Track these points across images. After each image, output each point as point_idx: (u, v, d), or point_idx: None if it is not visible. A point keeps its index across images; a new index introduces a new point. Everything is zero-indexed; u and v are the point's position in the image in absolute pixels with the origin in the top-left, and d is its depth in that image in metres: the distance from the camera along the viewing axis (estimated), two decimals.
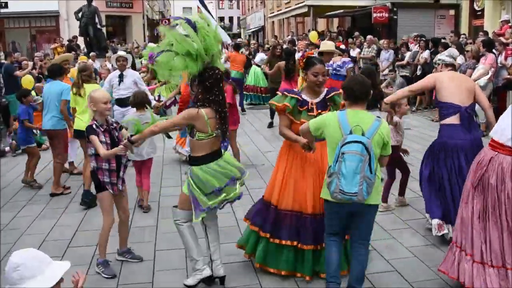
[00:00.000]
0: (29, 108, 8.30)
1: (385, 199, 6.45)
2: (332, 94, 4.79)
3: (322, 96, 4.77)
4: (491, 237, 4.03)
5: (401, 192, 6.63)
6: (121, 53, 10.09)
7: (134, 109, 6.75)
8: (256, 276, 4.85)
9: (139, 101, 6.65)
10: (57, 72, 7.83)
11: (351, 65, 10.56)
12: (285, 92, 4.81)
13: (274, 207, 4.78)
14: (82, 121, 7.15)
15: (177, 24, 4.46)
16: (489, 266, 4.03)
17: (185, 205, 4.50)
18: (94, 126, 4.79)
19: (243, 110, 14.79)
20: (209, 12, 13.30)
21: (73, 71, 10.24)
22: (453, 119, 5.29)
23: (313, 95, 4.76)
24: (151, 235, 5.93)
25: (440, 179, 5.40)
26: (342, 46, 15.34)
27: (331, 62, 10.02)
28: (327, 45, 8.77)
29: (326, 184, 3.99)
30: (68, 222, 6.45)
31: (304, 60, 4.77)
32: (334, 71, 10.24)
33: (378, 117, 4.14)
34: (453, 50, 6.06)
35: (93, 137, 4.72)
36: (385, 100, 5.96)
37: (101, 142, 4.73)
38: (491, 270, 4.02)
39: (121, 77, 8.97)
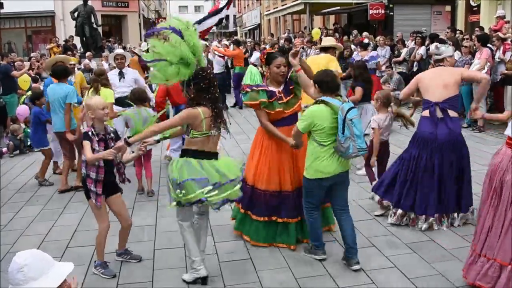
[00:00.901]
0: (43, 109, 8.27)
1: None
2: (289, 75, 5.34)
3: (283, 84, 5.32)
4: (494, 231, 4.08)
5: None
6: (119, 51, 10.10)
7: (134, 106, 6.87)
8: (256, 274, 4.85)
9: (137, 97, 6.95)
10: (61, 73, 7.73)
11: (378, 59, 11.21)
12: (253, 87, 5.30)
13: (250, 187, 5.34)
14: None
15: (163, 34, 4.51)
16: (483, 256, 4.13)
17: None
18: (90, 133, 4.70)
19: (240, 107, 14.83)
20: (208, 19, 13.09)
21: (82, 77, 10.39)
22: (425, 113, 5.73)
23: (277, 85, 5.31)
24: (150, 234, 5.93)
25: (402, 164, 5.85)
26: (340, 45, 15.37)
27: (358, 56, 10.34)
28: (328, 40, 8.88)
29: (316, 165, 4.66)
30: (66, 222, 6.44)
31: (265, 56, 5.38)
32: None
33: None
34: (436, 46, 6.20)
35: (85, 142, 4.64)
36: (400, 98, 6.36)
37: (93, 150, 4.65)
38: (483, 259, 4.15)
39: (121, 75, 8.99)
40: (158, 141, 4.90)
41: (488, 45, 11.21)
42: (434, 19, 19.42)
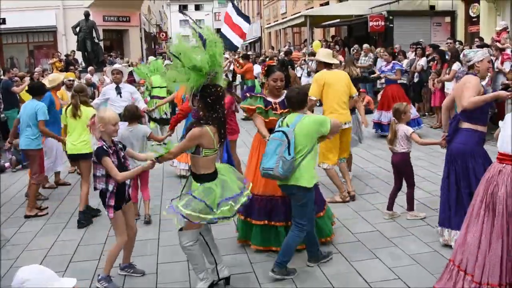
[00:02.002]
0: None
1: (390, 206, 6.46)
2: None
3: (282, 97, 5.52)
4: (494, 255, 3.95)
5: (411, 207, 6.46)
6: (115, 66, 10.10)
7: (126, 123, 6.63)
8: (260, 287, 4.84)
9: (131, 115, 6.64)
10: (37, 90, 7.54)
11: (398, 66, 11.69)
12: (252, 94, 5.71)
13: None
14: (73, 145, 7.11)
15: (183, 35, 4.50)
16: (485, 284, 3.96)
17: (192, 224, 4.47)
18: (104, 147, 4.68)
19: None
20: (241, 14, 13.00)
21: (63, 92, 10.11)
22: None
23: (275, 97, 5.59)
24: (153, 248, 5.92)
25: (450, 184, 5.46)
26: (341, 57, 15.50)
27: (382, 67, 10.69)
28: (326, 56, 8.36)
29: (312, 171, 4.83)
30: (69, 237, 6.44)
31: (265, 69, 5.65)
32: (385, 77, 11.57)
33: (302, 115, 4.90)
34: (464, 53, 5.97)
35: (106, 159, 4.60)
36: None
37: None
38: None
39: (118, 89, 9.02)
40: (157, 159, 4.96)
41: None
42: (434, 30, 19.46)
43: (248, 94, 5.73)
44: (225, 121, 4.54)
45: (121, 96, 8.95)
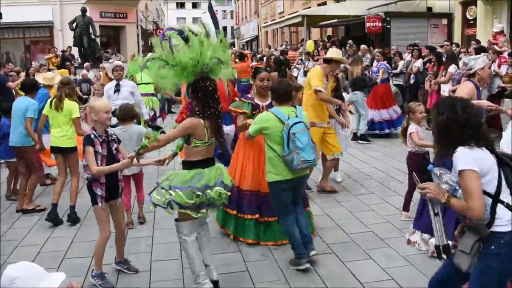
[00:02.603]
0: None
1: (406, 207, 6.42)
2: None
3: (270, 99, 5.63)
4: None
5: (406, 208, 6.42)
6: (117, 62, 10.00)
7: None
8: (253, 287, 4.85)
9: (125, 114, 6.45)
10: (29, 87, 7.50)
11: (382, 66, 12.13)
12: (242, 98, 5.94)
13: (236, 188, 5.60)
14: (56, 138, 6.94)
15: (169, 36, 4.48)
16: None
17: (186, 215, 4.48)
18: (92, 136, 4.67)
19: None
20: (215, 19, 13.07)
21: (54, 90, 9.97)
22: None
23: (262, 98, 5.80)
24: (147, 246, 5.91)
25: None
26: (310, 64, 15.64)
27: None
28: (333, 52, 8.22)
29: (279, 167, 4.93)
30: (63, 233, 6.42)
31: (252, 70, 6.02)
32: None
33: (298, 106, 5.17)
34: (463, 61, 5.97)
35: (88, 149, 4.58)
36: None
37: (96, 152, 4.64)
38: None
39: (117, 87, 8.93)
40: (174, 155, 4.99)
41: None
42: (431, 32, 19.51)
43: (237, 99, 6.02)
44: (219, 115, 4.52)
45: (119, 94, 8.89)
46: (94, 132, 4.72)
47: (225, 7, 73.94)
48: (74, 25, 22.36)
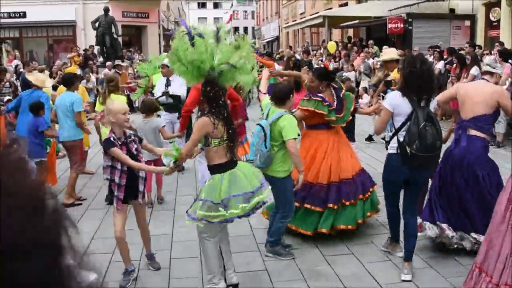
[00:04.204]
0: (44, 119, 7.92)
1: (420, 210, 6.36)
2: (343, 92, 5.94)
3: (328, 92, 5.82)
4: None
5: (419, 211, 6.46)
6: (166, 61, 10.13)
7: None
8: (272, 286, 4.87)
9: (147, 108, 7.16)
10: (68, 81, 7.77)
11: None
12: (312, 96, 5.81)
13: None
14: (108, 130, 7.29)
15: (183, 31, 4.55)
16: (503, 285, 3.92)
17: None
18: (112, 139, 4.72)
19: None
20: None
21: (81, 88, 10.05)
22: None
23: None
24: (166, 243, 5.97)
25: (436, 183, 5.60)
26: (332, 66, 15.56)
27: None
28: (389, 53, 8.35)
29: (289, 163, 5.20)
30: (85, 229, 6.49)
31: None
32: None
33: (286, 112, 5.17)
34: (495, 59, 5.92)
35: (115, 149, 4.63)
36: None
37: None
38: None
39: (168, 82, 9.09)
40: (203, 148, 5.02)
41: (510, 60, 11.15)
42: (453, 33, 19.36)
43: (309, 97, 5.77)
44: (228, 118, 4.53)
45: (168, 88, 9.03)
46: (113, 135, 4.76)
47: (246, 7, 74.14)
48: (96, 24, 22.58)
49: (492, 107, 5.22)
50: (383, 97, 8.44)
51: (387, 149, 5.13)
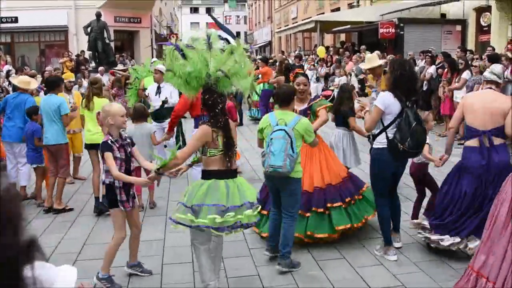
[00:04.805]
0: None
1: (415, 216, 6.35)
2: (311, 103, 6.22)
3: (306, 105, 6.18)
4: None
5: (415, 216, 6.39)
6: (159, 66, 10.10)
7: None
8: None
9: (139, 114, 7.14)
10: (52, 84, 7.62)
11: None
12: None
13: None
14: (92, 135, 7.33)
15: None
16: None
17: None
18: (109, 142, 4.72)
19: (241, 124, 14.70)
20: (221, 26, 13.13)
21: (77, 94, 9.78)
22: (472, 142, 5.25)
23: (300, 103, 6.10)
24: (158, 249, 5.95)
25: (456, 196, 5.35)
26: (323, 70, 15.51)
27: None
28: (372, 60, 8.49)
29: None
30: (76, 235, 6.48)
31: (293, 76, 6.55)
32: None
33: (299, 116, 5.33)
34: (495, 67, 5.78)
35: (108, 155, 4.65)
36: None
37: (115, 158, 4.71)
38: None
39: (158, 89, 9.11)
40: (190, 165, 4.97)
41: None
42: (445, 38, 19.46)
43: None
44: (226, 127, 4.48)
45: (159, 96, 9.05)
46: (110, 137, 4.75)
47: (238, 12, 74.17)
48: (88, 29, 22.56)
49: (505, 117, 5.10)
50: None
51: (371, 143, 5.50)
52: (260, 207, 4.75)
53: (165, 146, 9.15)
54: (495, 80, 5.43)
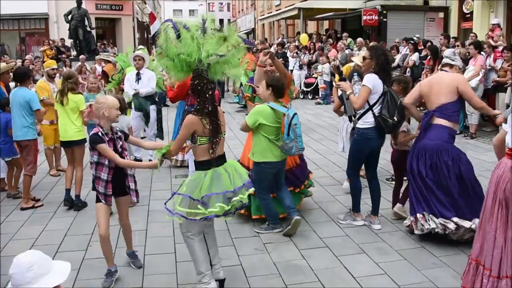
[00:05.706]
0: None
1: (394, 203, 6.40)
2: None
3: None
4: (510, 249, 3.94)
5: (403, 201, 6.39)
6: (138, 52, 9.94)
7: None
8: (247, 281, 4.85)
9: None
10: (22, 76, 7.28)
11: None
12: (248, 83, 7.01)
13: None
14: (65, 131, 7.10)
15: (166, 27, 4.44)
16: (504, 277, 3.95)
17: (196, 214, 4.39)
18: (100, 134, 4.60)
19: None
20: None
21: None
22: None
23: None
24: (140, 240, 5.90)
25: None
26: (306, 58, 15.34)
27: None
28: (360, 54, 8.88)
29: (268, 152, 5.64)
30: (57, 227, 6.41)
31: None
32: None
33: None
34: (447, 50, 6.18)
35: (102, 145, 4.53)
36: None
37: None
38: (504, 281, 3.95)
39: (138, 76, 9.02)
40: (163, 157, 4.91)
41: (482, 52, 11.27)
42: (427, 25, 19.51)
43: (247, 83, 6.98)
44: (213, 113, 4.41)
45: (139, 82, 9.01)
46: (101, 129, 4.65)
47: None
48: (69, 17, 22.25)
49: (454, 93, 5.47)
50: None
51: (353, 124, 6.04)
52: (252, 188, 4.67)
53: (143, 138, 9.16)
54: (448, 62, 5.79)
